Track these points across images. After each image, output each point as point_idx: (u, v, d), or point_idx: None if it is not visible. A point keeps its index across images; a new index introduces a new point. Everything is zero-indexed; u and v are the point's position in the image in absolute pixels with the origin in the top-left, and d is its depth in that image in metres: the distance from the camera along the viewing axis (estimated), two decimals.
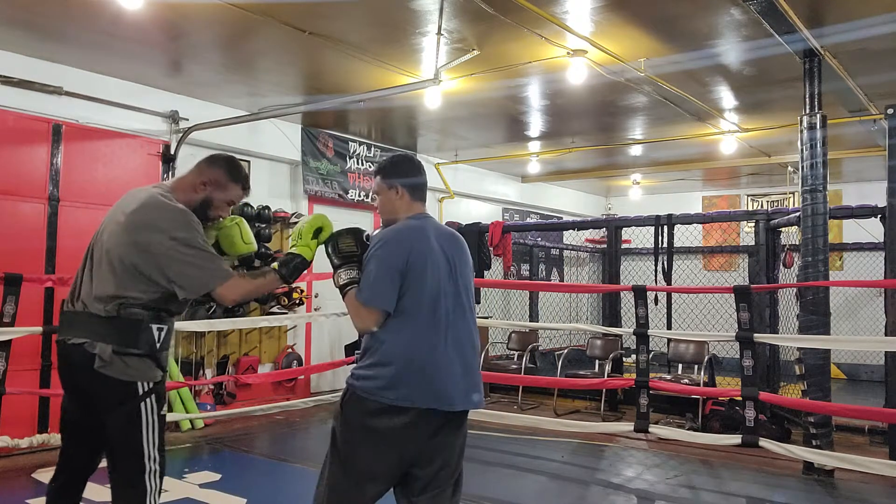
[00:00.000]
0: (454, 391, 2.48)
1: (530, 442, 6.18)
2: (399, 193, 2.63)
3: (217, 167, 2.78)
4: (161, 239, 2.55)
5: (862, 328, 9.67)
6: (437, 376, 2.45)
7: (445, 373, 2.46)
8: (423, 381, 2.42)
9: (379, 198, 2.70)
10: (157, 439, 2.61)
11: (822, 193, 5.10)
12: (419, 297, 2.46)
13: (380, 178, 2.68)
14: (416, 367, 2.43)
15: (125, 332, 2.56)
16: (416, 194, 2.67)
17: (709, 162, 9.98)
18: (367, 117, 7.95)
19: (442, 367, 2.46)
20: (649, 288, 5.98)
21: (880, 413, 5.37)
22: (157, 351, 2.63)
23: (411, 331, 2.46)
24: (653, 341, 6.13)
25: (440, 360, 2.46)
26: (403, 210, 2.64)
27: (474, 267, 9.69)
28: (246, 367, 7.42)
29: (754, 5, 4.40)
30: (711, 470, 5.39)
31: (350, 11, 4.97)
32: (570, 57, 5.58)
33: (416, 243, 2.52)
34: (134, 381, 2.57)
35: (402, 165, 2.70)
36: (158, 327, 2.62)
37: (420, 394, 2.41)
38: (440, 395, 2.44)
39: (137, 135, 6.52)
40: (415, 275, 2.46)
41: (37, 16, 5.06)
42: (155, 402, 2.62)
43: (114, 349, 2.54)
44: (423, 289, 2.47)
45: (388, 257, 2.47)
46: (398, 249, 2.48)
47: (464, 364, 2.52)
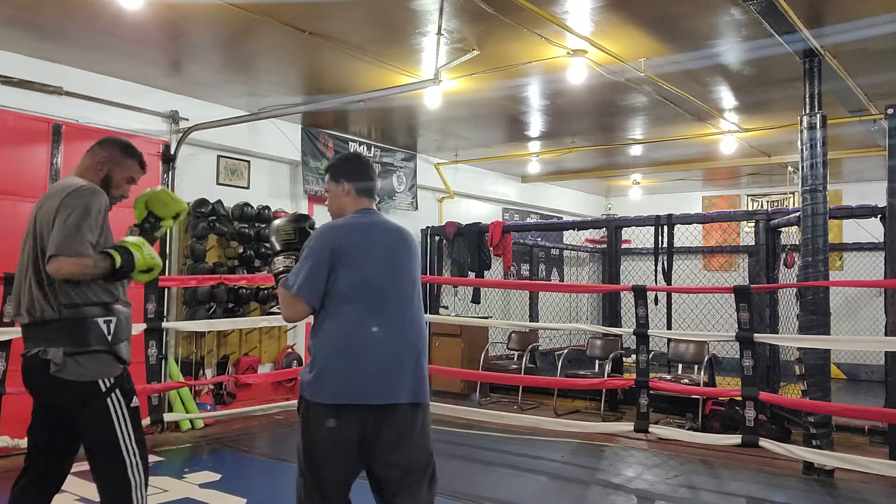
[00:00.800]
0: (385, 385, 2.43)
1: (530, 442, 6.18)
2: (346, 190, 2.66)
3: (109, 147, 2.85)
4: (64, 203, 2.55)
5: (862, 328, 9.66)
6: (363, 371, 2.42)
7: (374, 367, 2.43)
8: (346, 376, 2.41)
9: (328, 195, 2.73)
10: (131, 432, 2.59)
11: (822, 193, 5.10)
12: (349, 289, 2.45)
13: (328, 177, 2.71)
14: (340, 362, 2.42)
15: (73, 332, 2.53)
16: (362, 191, 2.68)
17: (709, 162, 9.98)
18: (367, 117, 7.95)
19: (369, 362, 2.43)
20: (649, 288, 5.98)
21: (880, 413, 5.36)
22: (111, 344, 2.59)
23: (337, 325, 2.45)
24: (653, 341, 6.13)
25: (367, 353, 2.43)
26: (350, 206, 2.66)
27: (475, 267, 9.62)
28: (246, 367, 7.42)
29: (754, 5, 4.40)
30: (711, 470, 5.39)
31: (350, 11, 4.97)
32: (570, 57, 5.58)
33: (349, 236, 2.52)
34: (93, 379, 2.55)
35: (350, 164, 2.75)
36: (106, 320, 2.59)
37: (343, 390, 2.40)
38: (366, 390, 2.41)
39: (137, 135, 6.52)
40: (345, 267, 2.45)
41: (37, 16, 5.06)
42: (122, 396, 2.59)
43: (65, 351, 2.52)
44: (353, 281, 2.46)
45: (319, 249, 2.47)
46: (328, 241, 2.49)
47: (399, 357, 2.48)
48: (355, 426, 2.41)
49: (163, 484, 4.61)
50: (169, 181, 6.67)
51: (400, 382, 2.46)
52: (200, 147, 7.21)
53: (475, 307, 9.25)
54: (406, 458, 2.50)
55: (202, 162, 7.32)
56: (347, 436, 2.42)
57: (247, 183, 7.74)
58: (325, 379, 2.42)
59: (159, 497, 4.38)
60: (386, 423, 2.43)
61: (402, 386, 2.46)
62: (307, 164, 8.18)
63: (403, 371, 2.48)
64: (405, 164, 9.54)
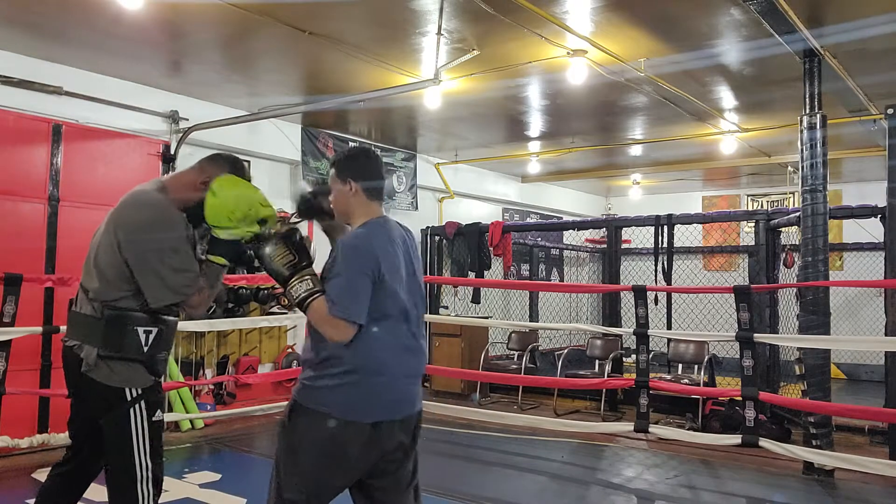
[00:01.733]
0: (413, 396, 2.46)
1: (530, 442, 6.17)
2: (353, 189, 2.46)
3: (220, 166, 2.64)
4: (135, 237, 2.46)
5: (862, 328, 9.66)
6: (401, 385, 2.40)
7: (407, 380, 2.43)
8: (389, 391, 2.37)
9: (334, 194, 2.53)
10: (148, 447, 2.51)
11: (822, 193, 5.10)
12: (385, 304, 2.36)
13: (334, 173, 2.52)
14: (384, 377, 2.36)
15: (109, 335, 2.46)
16: (373, 193, 2.49)
17: (709, 162, 9.98)
18: (367, 117, 7.95)
19: (406, 375, 2.43)
20: (649, 288, 5.98)
21: (880, 413, 5.36)
22: (147, 355, 2.51)
23: (378, 340, 2.35)
24: (653, 341, 6.13)
25: (405, 368, 2.42)
26: (359, 209, 2.48)
27: (475, 267, 9.63)
28: (246, 367, 7.41)
29: (754, 5, 4.40)
30: (711, 470, 5.38)
31: (350, 11, 4.97)
32: (570, 57, 5.58)
33: (385, 249, 2.40)
34: (121, 386, 2.48)
35: (358, 160, 2.54)
36: (146, 330, 2.50)
37: (385, 406, 2.36)
38: (402, 403, 2.41)
39: (137, 135, 6.52)
40: (384, 282, 2.35)
41: (37, 16, 5.06)
42: (146, 409, 2.51)
43: (98, 353, 2.46)
44: (389, 296, 2.37)
45: (363, 266, 2.34)
46: (371, 257, 2.35)
47: (419, 368, 2.50)
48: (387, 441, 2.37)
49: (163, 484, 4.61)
50: None
51: (419, 390, 2.51)
52: (200, 147, 7.19)
53: (475, 307, 9.25)
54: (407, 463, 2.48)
55: None
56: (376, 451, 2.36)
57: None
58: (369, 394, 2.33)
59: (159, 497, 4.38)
60: (406, 431, 2.43)
61: (419, 394, 2.50)
62: (307, 164, 8.18)
63: (420, 380, 2.51)
64: (405, 164, 9.54)
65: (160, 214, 2.51)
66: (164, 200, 2.54)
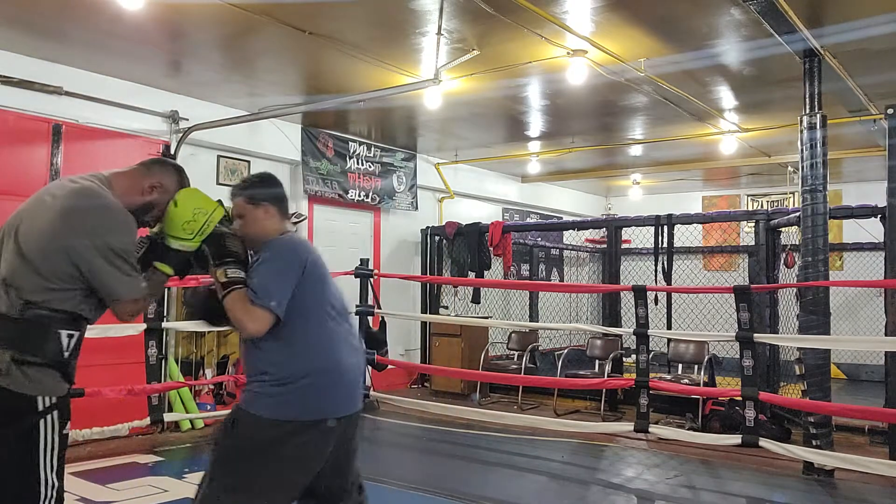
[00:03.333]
0: (357, 393, 2.54)
1: (530, 442, 6.18)
2: (268, 212, 2.57)
3: (169, 172, 2.53)
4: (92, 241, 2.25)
5: (862, 328, 9.66)
6: (346, 381, 2.47)
7: (350, 376, 2.49)
8: (334, 389, 2.43)
9: (244, 219, 2.56)
10: (55, 463, 2.26)
11: (822, 193, 5.10)
12: (322, 305, 2.47)
13: (243, 199, 2.57)
14: (324, 378, 2.41)
15: (27, 338, 2.21)
16: (285, 213, 2.65)
17: (709, 162, 9.98)
18: (367, 117, 7.95)
19: (348, 371, 2.49)
20: (649, 288, 5.98)
21: (880, 413, 5.36)
22: (65, 361, 2.27)
23: (316, 339, 2.44)
24: (653, 341, 6.13)
25: (353, 365, 2.51)
26: (274, 228, 2.57)
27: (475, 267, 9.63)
28: None
29: (754, 5, 4.40)
30: (711, 470, 5.39)
31: (350, 11, 4.97)
32: (570, 57, 5.58)
33: (312, 252, 2.55)
34: (34, 395, 2.21)
35: (268, 183, 2.67)
36: (69, 333, 2.27)
37: (336, 402, 2.44)
38: (349, 400, 2.49)
39: (137, 135, 6.52)
40: (313, 283, 2.46)
41: (37, 16, 5.06)
42: (57, 420, 2.26)
43: (12, 356, 2.18)
44: (325, 297, 2.49)
45: (292, 262, 2.44)
46: (300, 255, 2.47)
47: (363, 366, 2.61)
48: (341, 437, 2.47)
49: (163, 484, 4.61)
50: None
51: (360, 389, 2.58)
52: (200, 147, 7.21)
53: (475, 307, 9.25)
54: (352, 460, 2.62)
55: (202, 162, 7.31)
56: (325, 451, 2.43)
57: None
58: (315, 393, 2.39)
59: (159, 497, 4.39)
60: (352, 428, 2.54)
61: (360, 393, 2.58)
62: (307, 164, 8.18)
63: (360, 380, 2.59)
64: (405, 164, 9.54)
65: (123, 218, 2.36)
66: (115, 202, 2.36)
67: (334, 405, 2.43)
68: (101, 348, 5.71)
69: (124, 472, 5.05)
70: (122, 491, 4.57)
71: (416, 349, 9.59)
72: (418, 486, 4.76)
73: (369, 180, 8.99)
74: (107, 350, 5.76)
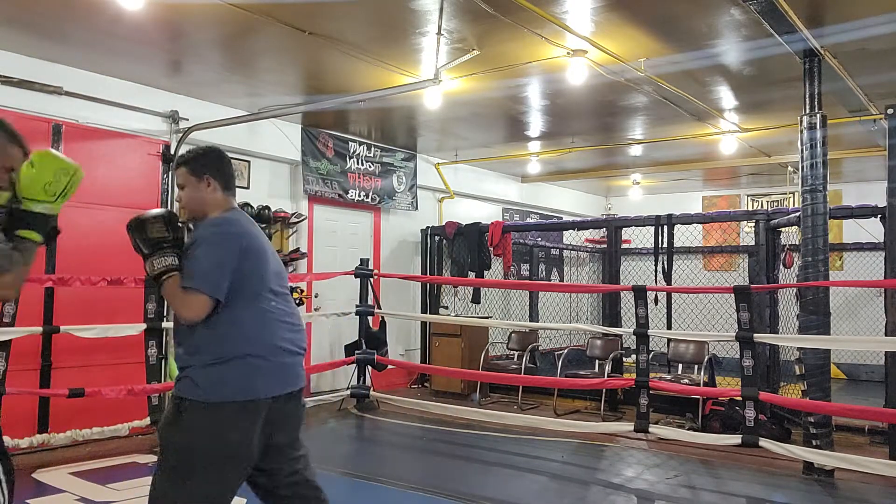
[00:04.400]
0: (294, 372, 2.55)
1: (530, 442, 6.18)
2: (210, 186, 2.54)
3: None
4: None
5: (862, 328, 9.66)
6: (281, 360, 2.48)
7: (286, 356, 2.50)
8: (269, 368, 2.43)
9: (185, 191, 2.56)
10: None
11: (822, 193, 5.10)
12: (262, 284, 2.46)
13: (186, 169, 2.56)
14: (269, 354, 2.43)
15: None
16: (229, 186, 2.60)
17: (709, 162, 9.98)
18: (367, 117, 7.95)
19: (284, 350, 2.49)
20: (649, 288, 5.98)
21: (880, 413, 5.36)
22: None
23: (251, 319, 2.42)
24: (653, 341, 6.13)
25: (293, 342, 2.53)
26: (215, 204, 2.54)
27: (475, 267, 9.62)
28: None
29: (754, 5, 4.40)
30: (711, 470, 5.39)
31: (350, 11, 4.97)
32: (570, 57, 5.58)
33: (249, 230, 2.51)
34: None
35: (211, 158, 2.60)
36: None
37: (276, 381, 2.45)
38: (285, 379, 2.49)
39: (137, 135, 6.52)
40: (252, 262, 2.44)
41: (37, 16, 5.06)
42: None
43: None
44: (265, 276, 2.48)
45: (223, 242, 2.41)
46: (232, 236, 2.42)
47: (303, 343, 2.61)
48: (278, 415, 2.48)
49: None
50: (169, 181, 6.67)
51: (298, 368, 2.59)
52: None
53: (475, 307, 9.25)
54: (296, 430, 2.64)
55: None
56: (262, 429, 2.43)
57: (247, 183, 7.74)
58: (257, 373, 2.40)
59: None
60: (290, 408, 2.54)
61: (298, 372, 2.58)
62: (307, 164, 8.18)
63: (298, 359, 2.59)
64: (405, 164, 9.54)
65: None
66: None
67: (269, 384, 2.43)
68: (100, 348, 5.72)
69: (124, 472, 5.06)
70: (122, 491, 4.57)
71: (416, 349, 9.59)
72: (418, 486, 4.77)
73: (369, 180, 8.99)
74: (107, 350, 5.77)
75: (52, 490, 4.61)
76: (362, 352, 7.44)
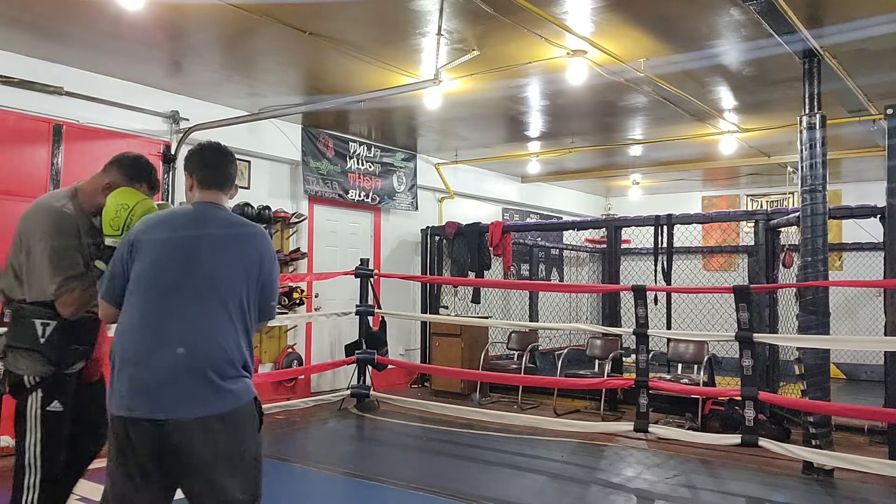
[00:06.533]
0: (146, 397, 2.14)
1: (530, 442, 6.18)
2: (189, 182, 2.53)
3: (115, 170, 2.82)
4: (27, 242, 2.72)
5: (861, 328, 9.67)
6: (147, 378, 2.15)
7: (143, 376, 2.16)
8: (133, 384, 2.16)
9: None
10: (39, 439, 2.62)
11: (821, 193, 5.11)
12: (139, 289, 2.27)
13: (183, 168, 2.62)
14: (127, 368, 2.17)
15: (14, 329, 2.71)
16: (203, 181, 2.49)
17: (708, 162, 9.99)
18: (368, 117, 7.96)
19: (143, 369, 2.17)
20: (649, 288, 5.99)
21: (880, 413, 5.37)
22: (42, 346, 2.67)
23: (127, 327, 2.24)
24: (652, 341, 6.14)
25: (152, 359, 2.16)
26: (193, 199, 2.52)
27: (475, 267, 9.58)
28: None
29: (754, 6, 4.40)
30: (711, 470, 5.39)
31: (350, 11, 4.98)
32: (569, 57, 5.59)
33: (148, 233, 2.34)
34: (21, 373, 2.67)
35: (194, 154, 2.56)
36: (43, 322, 2.67)
37: (129, 400, 2.15)
38: (151, 399, 2.14)
39: (138, 135, 6.53)
40: (139, 265, 2.29)
41: (37, 16, 5.06)
42: (41, 397, 2.65)
43: (7, 343, 2.70)
44: (144, 280, 2.26)
45: (119, 248, 2.40)
46: (126, 240, 2.39)
47: (178, 365, 2.16)
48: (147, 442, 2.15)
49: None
50: (169, 181, 6.67)
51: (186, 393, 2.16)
52: None
53: (475, 307, 9.26)
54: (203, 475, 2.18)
55: None
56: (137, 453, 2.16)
57: (247, 183, 7.75)
58: (116, 386, 2.19)
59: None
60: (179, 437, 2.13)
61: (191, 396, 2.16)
62: (307, 165, 8.18)
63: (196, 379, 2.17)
64: (405, 164, 9.55)
65: (51, 219, 2.75)
66: (58, 209, 2.76)
67: (129, 401, 2.14)
68: None
69: None
70: None
71: (416, 349, 9.60)
72: (418, 486, 4.77)
73: (369, 180, 9.00)
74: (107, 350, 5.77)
75: None
76: (362, 352, 7.45)
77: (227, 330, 2.25)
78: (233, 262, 2.34)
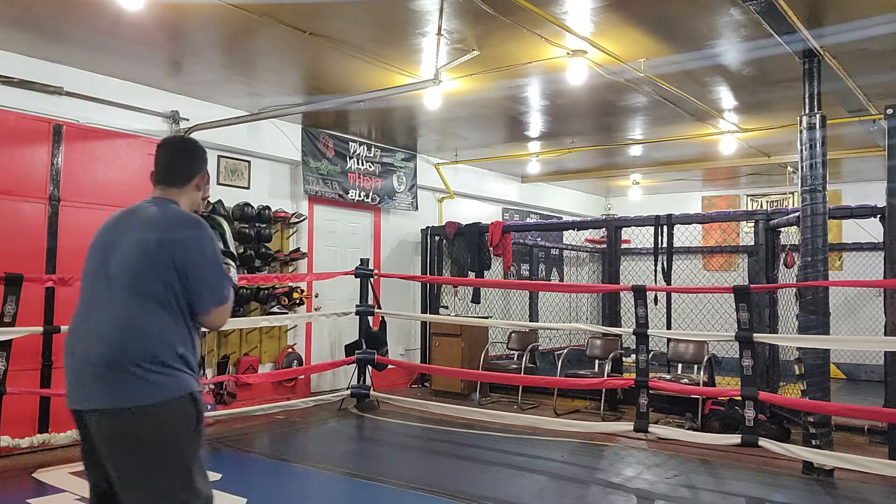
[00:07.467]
0: (78, 387, 2.24)
1: (530, 442, 6.18)
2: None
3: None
4: None
5: (861, 328, 9.67)
6: (72, 367, 2.27)
7: (73, 367, 2.26)
8: (66, 375, 2.30)
9: None
10: None
11: (821, 193, 5.10)
12: (86, 279, 2.37)
13: None
14: (65, 360, 2.30)
15: None
16: (153, 178, 2.55)
17: (708, 162, 9.99)
18: (368, 117, 7.96)
19: (72, 361, 2.27)
20: (649, 288, 5.99)
21: (880, 413, 5.37)
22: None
23: (72, 319, 2.36)
24: (652, 341, 6.14)
25: (73, 352, 2.27)
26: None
27: (475, 267, 9.56)
28: (246, 366, 7.42)
29: (754, 5, 4.40)
30: (711, 470, 5.39)
31: (350, 11, 4.98)
32: (569, 57, 5.59)
33: (101, 227, 2.45)
34: None
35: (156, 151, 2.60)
36: None
37: (68, 390, 2.29)
38: (76, 391, 2.25)
39: (138, 135, 6.53)
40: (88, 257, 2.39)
41: (37, 16, 5.06)
42: None
43: None
44: (82, 278, 2.38)
45: None
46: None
47: (89, 356, 2.21)
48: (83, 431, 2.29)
49: None
50: None
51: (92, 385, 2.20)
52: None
53: (475, 307, 9.26)
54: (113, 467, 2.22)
55: None
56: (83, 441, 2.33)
57: (247, 183, 7.75)
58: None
59: None
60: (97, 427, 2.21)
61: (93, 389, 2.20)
62: (307, 164, 8.18)
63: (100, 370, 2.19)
64: (405, 164, 9.55)
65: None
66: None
67: (68, 391, 2.29)
68: None
69: None
70: None
71: (416, 349, 9.60)
72: (418, 486, 4.77)
73: (369, 180, 9.00)
74: None
75: (52, 490, 4.61)
76: (362, 352, 7.45)
77: (148, 323, 2.22)
78: (148, 254, 2.27)
